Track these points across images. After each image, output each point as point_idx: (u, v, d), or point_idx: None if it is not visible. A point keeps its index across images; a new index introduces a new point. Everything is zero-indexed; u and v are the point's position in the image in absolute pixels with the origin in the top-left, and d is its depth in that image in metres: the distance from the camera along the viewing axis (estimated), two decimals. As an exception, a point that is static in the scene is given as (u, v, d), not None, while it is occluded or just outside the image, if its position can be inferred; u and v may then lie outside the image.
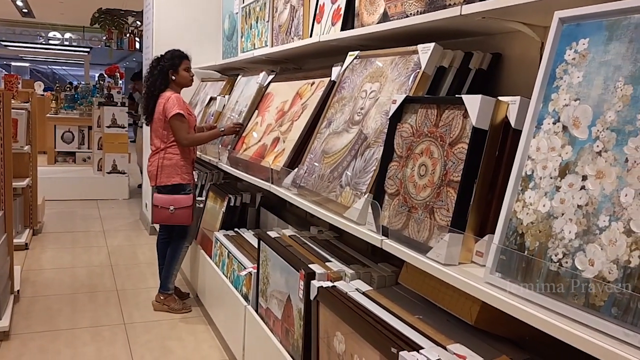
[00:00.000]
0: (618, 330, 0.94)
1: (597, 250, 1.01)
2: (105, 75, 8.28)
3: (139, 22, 11.98)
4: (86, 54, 18.63)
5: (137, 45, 12.46)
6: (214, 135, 3.36)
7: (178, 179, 3.28)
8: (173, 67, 3.36)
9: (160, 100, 3.29)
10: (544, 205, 1.15)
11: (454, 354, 1.35)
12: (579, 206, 1.07)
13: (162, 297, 3.46)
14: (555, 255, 1.09)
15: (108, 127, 6.96)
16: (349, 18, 2.39)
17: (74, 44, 18.04)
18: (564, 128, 1.15)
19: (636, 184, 0.97)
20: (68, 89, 9.06)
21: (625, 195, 0.99)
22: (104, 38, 13.36)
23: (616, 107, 1.04)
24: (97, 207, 6.55)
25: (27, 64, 23.27)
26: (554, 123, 1.17)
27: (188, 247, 3.51)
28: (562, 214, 1.10)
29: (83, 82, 11.53)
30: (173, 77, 3.35)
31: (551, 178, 1.15)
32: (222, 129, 3.29)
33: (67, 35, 17.57)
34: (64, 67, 24.05)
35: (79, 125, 8.05)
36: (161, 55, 3.43)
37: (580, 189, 1.08)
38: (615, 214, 1.00)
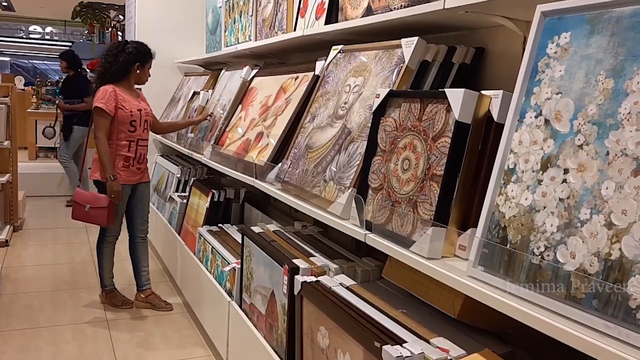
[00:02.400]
0: (599, 323, 0.95)
1: (578, 243, 1.02)
2: (88, 70, 8.17)
3: (121, 16, 11.85)
4: (68, 48, 18.39)
5: (120, 40, 12.32)
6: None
7: (98, 175, 3.20)
8: (143, 61, 3.21)
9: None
10: (526, 199, 1.15)
11: (437, 347, 1.35)
12: (560, 199, 1.08)
13: (104, 294, 3.47)
14: (537, 249, 1.09)
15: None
16: (333, 12, 2.38)
17: (55, 38, 17.79)
18: (546, 121, 1.15)
19: (617, 177, 0.98)
20: (49, 83, 8.92)
21: (606, 188, 0.99)
22: (86, 32, 13.20)
23: (597, 101, 1.05)
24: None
25: (7, 59, 22.89)
26: (536, 116, 1.18)
27: (112, 243, 3.43)
28: (544, 207, 1.11)
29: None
30: (137, 71, 3.20)
31: (533, 171, 1.15)
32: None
33: (48, 29, 17.33)
34: (45, 62, 23.71)
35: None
36: (127, 42, 3.23)
37: (562, 182, 1.08)
38: (596, 207, 1.00)
